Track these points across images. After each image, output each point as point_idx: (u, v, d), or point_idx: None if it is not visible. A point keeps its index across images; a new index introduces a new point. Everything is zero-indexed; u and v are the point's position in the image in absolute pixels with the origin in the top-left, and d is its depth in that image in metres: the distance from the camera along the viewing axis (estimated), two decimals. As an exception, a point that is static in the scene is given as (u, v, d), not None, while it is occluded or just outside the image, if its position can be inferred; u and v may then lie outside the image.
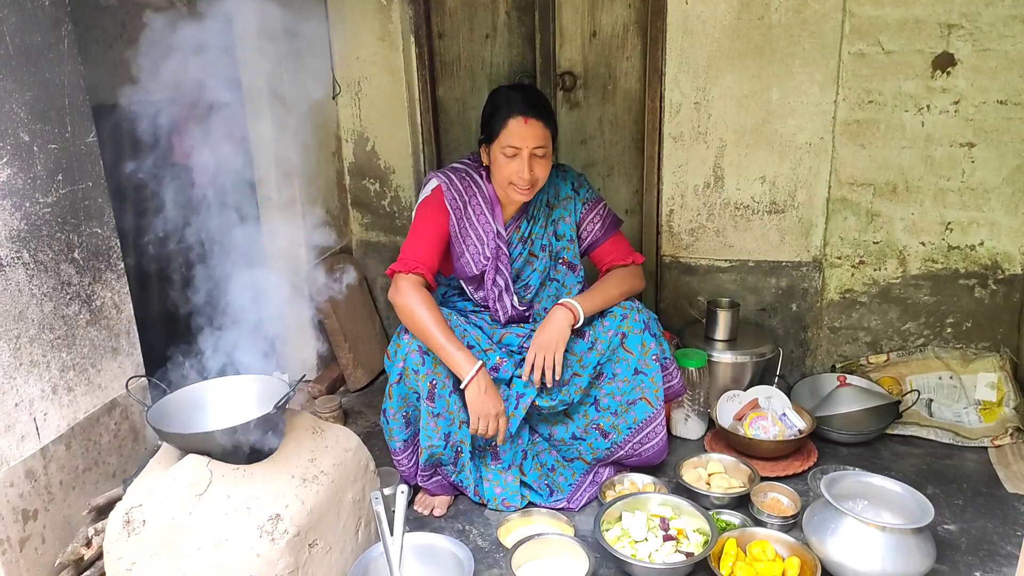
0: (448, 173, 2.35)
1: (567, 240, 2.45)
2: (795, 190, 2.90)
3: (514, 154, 2.19)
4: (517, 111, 2.18)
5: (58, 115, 1.92)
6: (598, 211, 2.46)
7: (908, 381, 2.86)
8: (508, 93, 2.26)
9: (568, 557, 2.05)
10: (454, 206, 2.31)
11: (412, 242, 2.28)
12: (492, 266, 2.35)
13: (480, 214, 2.34)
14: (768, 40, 2.74)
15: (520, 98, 2.22)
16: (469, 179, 2.34)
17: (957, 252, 2.83)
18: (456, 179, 2.33)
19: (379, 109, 3.21)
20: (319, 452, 1.95)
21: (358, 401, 3.17)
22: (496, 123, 2.21)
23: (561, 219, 2.44)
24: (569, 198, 2.44)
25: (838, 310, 3.02)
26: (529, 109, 2.19)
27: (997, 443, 2.60)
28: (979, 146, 2.69)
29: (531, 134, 2.17)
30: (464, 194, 2.32)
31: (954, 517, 2.27)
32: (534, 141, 2.18)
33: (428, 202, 2.32)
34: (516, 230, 2.39)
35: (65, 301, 1.97)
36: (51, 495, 1.96)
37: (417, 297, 2.18)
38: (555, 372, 2.24)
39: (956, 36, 2.60)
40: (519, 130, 2.17)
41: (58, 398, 1.97)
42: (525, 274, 2.42)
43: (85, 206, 2.02)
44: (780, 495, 2.34)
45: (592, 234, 2.46)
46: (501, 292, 2.37)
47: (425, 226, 2.29)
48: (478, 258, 2.34)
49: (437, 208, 2.30)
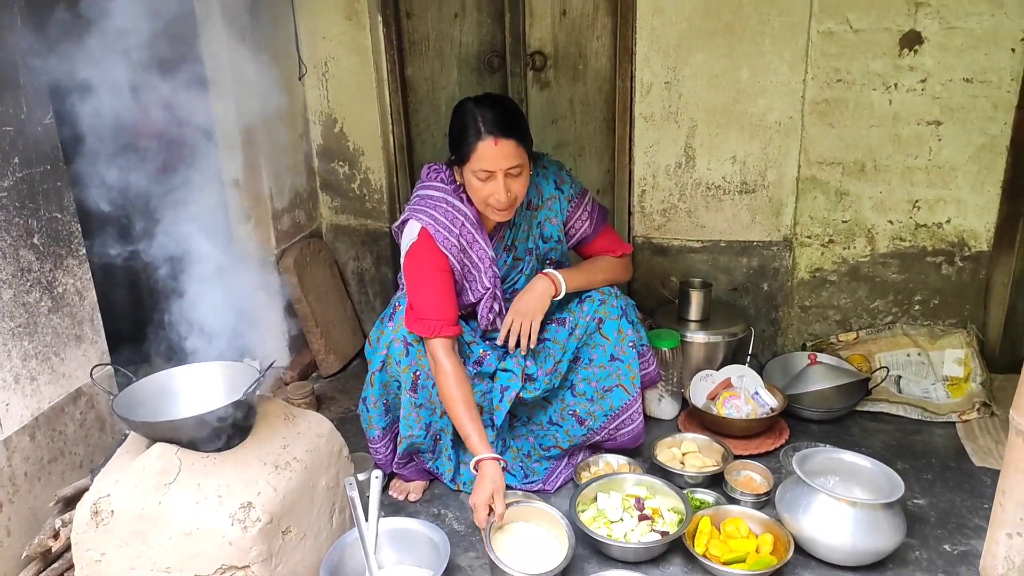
0: (427, 211, 2.16)
1: (555, 241, 2.37)
2: (765, 170, 2.90)
3: (487, 177, 2.06)
4: (486, 132, 2.02)
5: (12, 95, 1.86)
6: (584, 207, 2.36)
7: (877, 358, 2.89)
8: (474, 111, 2.06)
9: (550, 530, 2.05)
10: (448, 246, 2.15)
11: (423, 297, 2.12)
12: (490, 295, 2.27)
13: (473, 242, 2.21)
14: (738, 18, 2.74)
15: (489, 117, 2.04)
16: (452, 209, 2.17)
17: (924, 230, 2.86)
18: (439, 215, 2.16)
19: (347, 90, 3.15)
20: (291, 439, 1.92)
21: (331, 387, 3.13)
22: (465, 146, 2.06)
23: (547, 220, 2.33)
24: (553, 197, 2.33)
25: (808, 289, 3.04)
26: (498, 128, 2.02)
27: (964, 418, 2.64)
28: (945, 124, 2.71)
29: (503, 155, 2.02)
30: (453, 228, 2.16)
31: (923, 491, 2.31)
32: (507, 162, 2.03)
33: (419, 249, 2.15)
34: (500, 240, 2.29)
35: (25, 288, 1.92)
36: (16, 487, 1.91)
37: (446, 371, 2.09)
38: (531, 339, 2.22)
39: (923, 14, 2.61)
40: (490, 153, 2.02)
41: (21, 388, 1.92)
42: (511, 278, 2.36)
43: (44, 190, 1.96)
44: (753, 473, 2.36)
45: (581, 231, 2.38)
46: (495, 318, 2.30)
47: (428, 275, 2.14)
48: (476, 288, 2.27)
49: (432, 253, 2.15)
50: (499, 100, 2.15)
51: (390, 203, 3.29)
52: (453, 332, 2.13)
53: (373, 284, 3.42)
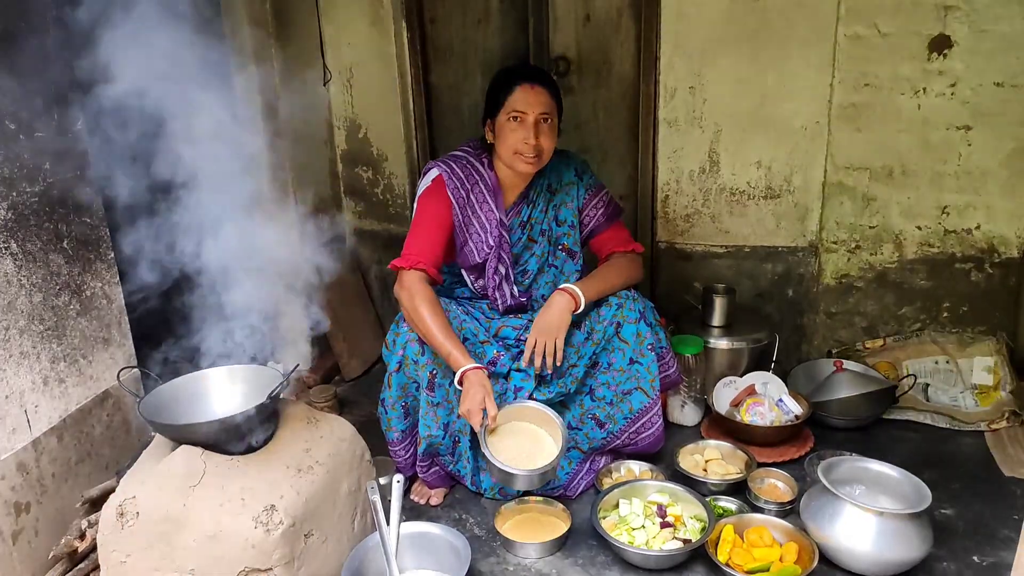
0: (448, 161, 2.31)
1: (568, 226, 2.41)
2: (791, 175, 2.88)
3: (520, 119, 2.18)
4: (524, 78, 2.20)
5: (45, 104, 1.90)
6: (601, 197, 2.43)
7: (904, 366, 2.85)
8: (513, 66, 2.33)
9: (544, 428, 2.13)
10: (456, 195, 2.27)
11: (415, 235, 2.25)
12: (495, 255, 2.32)
13: (483, 202, 2.31)
14: (764, 23, 2.72)
15: (526, 69, 2.28)
16: (470, 167, 2.30)
17: (953, 236, 2.82)
18: (457, 167, 2.29)
19: (371, 96, 3.17)
20: (314, 442, 1.94)
21: (353, 390, 3.15)
22: (502, 92, 2.21)
23: (563, 204, 2.41)
24: (572, 184, 2.41)
25: (834, 295, 3.01)
26: (535, 76, 2.22)
27: (994, 427, 2.60)
28: (976, 129, 2.67)
29: (537, 100, 2.18)
30: (466, 182, 2.29)
31: (951, 501, 2.27)
32: (540, 107, 2.18)
33: (429, 192, 2.28)
34: (516, 215, 2.36)
35: (55, 291, 1.95)
36: (43, 488, 1.94)
37: (419, 294, 2.15)
38: (555, 358, 2.22)
39: (953, 18, 2.58)
40: (525, 95, 2.18)
41: (49, 390, 1.95)
42: (523, 259, 2.40)
43: (73, 195, 2.00)
44: (777, 481, 2.33)
45: (594, 220, 2.43)
46: (501, 281, 2.35)
47: (427, 218, 2.26)
48: (481, 247, 2.32)
49: (439, 198, 2.27)
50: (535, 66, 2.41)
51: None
52: (431, 271, 2.20)
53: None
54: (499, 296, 2.36)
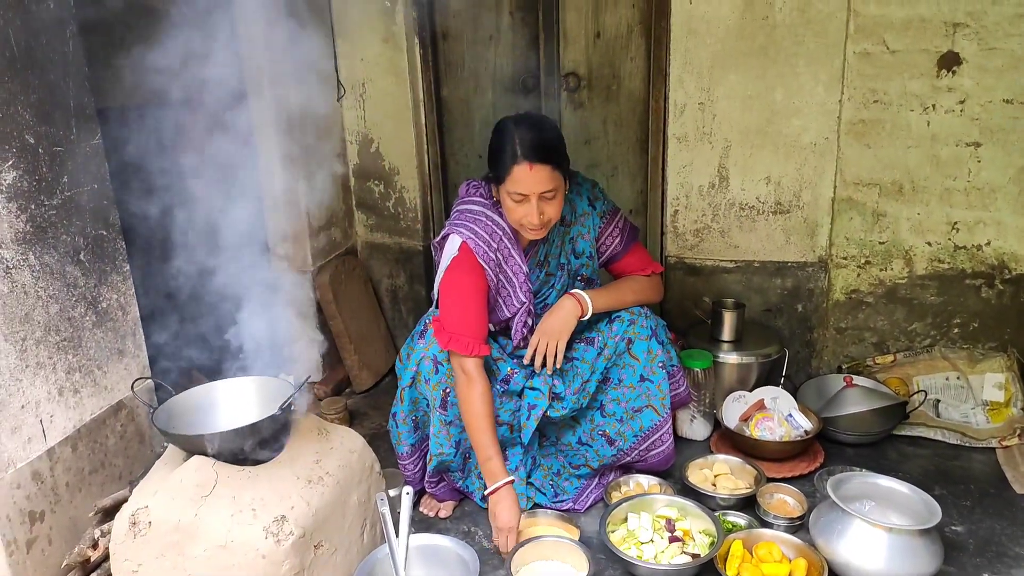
0: (469, 225, 2.19)
1: (586, 257, 2.38)
2: (800, 190, 2.89)
3: (521, 200, 2.07)
4: (522, 156, 2.03)
5: (63, 117, 1.93)
6: (616, 223, 2.38)
7: (915, 382, 2.84)
8: (513, 133, 2.07)
9: (569, 561, 2.04)
10: (488, 260, 2.17)
11: (460, 314, 2.15)
12: (524, 310, 2.28)
13: (509, 257, 2.22)
14: (772, 40, 2.74)
15: (527, 140, 2.05)
16: (491, 224, 2.20)
17: (963, 252, 2.82)
18: (480, 230, 2.18)
19: (383, 110, 3.21)
20: (324, 453, 1.95)
21: (363, 402, 3.17)
22: (502, 167, 2.08)
23: (579, 236, 2.35)
24: (587, 214, 2.35)
25: (844, 310, 3.01)
26: (534, 153, 2.03)
27: (1005, 444, 2.59)
28: (985, 145, 2.68)
29: (537, 179, 2.04)
30: (492, 242, 2.19)
31: (962, 518, 2.26)
32: (541, 187, 2.05)
33: (459, 264, 2.17)
34: (534, 256, 2.31)
35: (71, 303, 1.98)
36: (57, 497, 1.96)
37: (478, 386, 2.12)
38: (556, 360, 2.23)
39: (962, 35, 2.59)
40: (524, 177, 2.04)
41: (64, 400, 1.97)
42: (542, 293, 2.37)
43: (91, 208, 2.03)
44: (786, 496, 2.33)
45: (611, 248, 2.39)
46: (527, 334, 2.31)
47: (466, 293, 2.16)
48: (511, 303, 2.28)
49: (471, 269, 2.17)
50: (537, 122, 2.15)
51: (424, 222, 3.33)
52: (486, 351, 2.15)
53: (406, 301, 3.45)
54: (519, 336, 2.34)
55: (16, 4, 1.78)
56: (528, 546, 2.05)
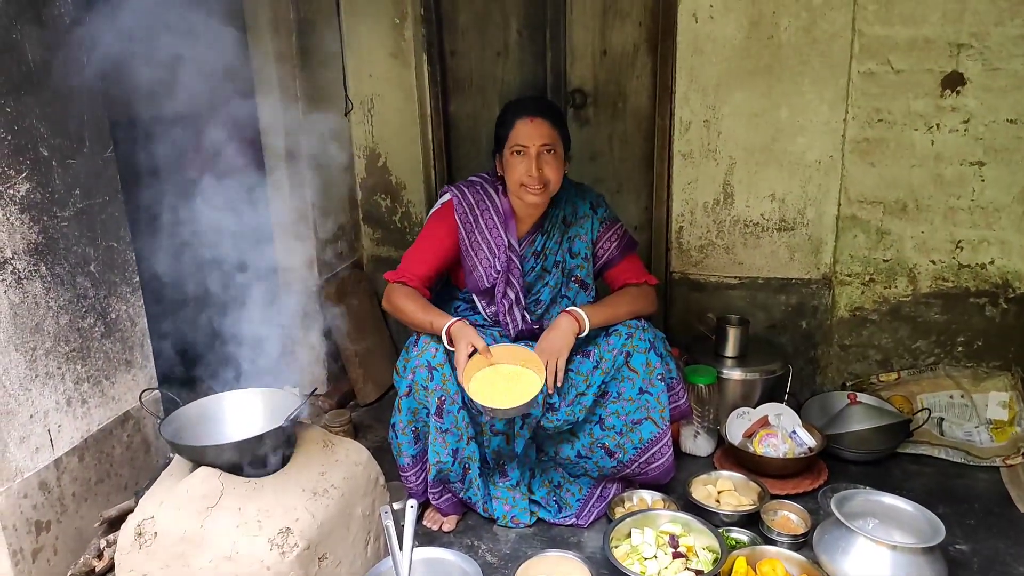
0: (461, 187, 2.39)
1: (581, 258, 2.45)
2: (804, 208, 2.90)
3: (523, 152, 2.23)
4: (523, 112, 2.26)
5: (76, 130, 1.96)
6: (615, 231, 2.46)
7: (919, 399, 2.84)
8: (515, 101, 2.38)
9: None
10: (464, 219, 2.34)
11: (410, 253, 2.38)
12: (503, 279, 2.36)
13: (492, 227, 2.36)
14: (778, 59, 2.76)
15: (528, 102, 2.35)
16: (483, 192, 2.37)
17: (967, 271, 2.83)
18: (469, 192, 2.37)
19: (391, 126, 3.24)
20: (329, 466, 1.96)
21: (368, 415, 3.17)
22: (505, 127, 2.28)
23: (577, 236, 2.44)
24: (587, 216, 2.45)
25: (848, 328, 3.01)
26: (534, 110, 2.26)
27: (1009, 463, 2.58)
28: (989, 165, 2.70)
29: (537, 132, 2.22)
30: (476, 207, 2.36)
31: (966, 537, 2.25)
32: (540, 139, 2.22)
33: (437, 215, 2.39)
34: (530, 244, 2.40)
35: (81, 314, 2.00)
36: (64, 507, 1.97)
37: (395, 291, 2.30)
38: (556, 378, 2.24)
39: (965, 55, 2.61)
40: (525, 129, 2.23)
41: (72, 410, 1.99)
42: (536, 289, 2.43)
43: (102, 220, 2.05)
44: (790, 513, 2.33)
45: (608, 253, 2.45)
46: (511, 305, 2.38)
47: (427, 239, 2.37)
48: (489, 271, 2.36)
49: (445, 221, 2.36)
50: (538, 96, 2.56)
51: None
52: (414, 284, 2.31)
53: (412, 315, 3.46)
54: (510, 321, 2.39)
55: (32, 19, 1.81)
56: (532, 561, 2.05)
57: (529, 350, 2.20)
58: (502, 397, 2.08)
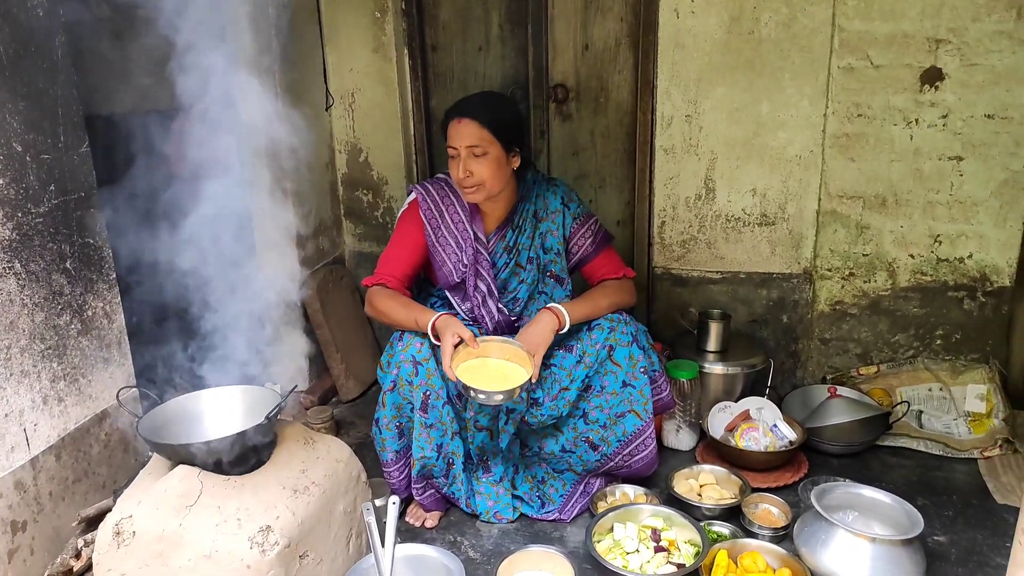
0: (426, 184, 2.41)
1: (554, 253, 2.45)
2: (785, 202, 2.92)
3: (454, 154, 2.25)
4: (454, 113, 2.26)
5: (51, 125, 1.93)
6: (589, 226, 2.46)
7: (898, 393, 2.87)
8: (458, 100, 2.32)
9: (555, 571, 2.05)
10: (428, 216, 2.36)
11: (385, 255, 2.39)
12: (472, 271, 2.36)
13: (458, 221, 2.37)
14: (758, 54, 2.77)
15: (461, 103, 2.30)
16: (447, 188, 2.39)
17: (946, 264, 2.85)
18: (434, 190, 2.39)
19: (372, 120, 3.22)
20: (310, 463, 1.95)
21: (350, 412, 3.16)
22: (444, 128, 2.30)
23: (549, 232, 2.44)
24: (558, 211, 2.44)
25: (828, 322, 3.03)
26: (463, 110, 2.25)
27: (987, 455, 2.61)
28: (967, 159, 2.72)
29: (463, 133, 2.21)
30: (440, 203, 2.38)
31: (944, 528, 2.28)
32: (466, 140, 2.21)
33: (405, 215, 2.41)
34: (501, 239, 2.39)
35: (56, 311, 1.97)
36: (40, 506, 1.95)
37: (377, 294, 2.30)
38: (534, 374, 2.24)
39: (944, 51, 2.63)
40: (454, 130, 2.24)
41: (48, 408, 1.96)
42: (512, 286, 2.42)
43: (77, 216, 2.02)
44: (771, 506, 2.34)
45: (583, 249, 2.46)
46: (484, 297, 2.38)
47: (398, 239, 2.39)
48: (458, 265, 2.36)
49: (412, 220, 2.38)
50: (485, 93, 2.51)
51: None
52: (392, 284, 2.32)
53: (394, 311, 3.45)
54: (486, 314, 2.38)
55: (4, 12, 1.78)
56: (514, 556, 2.05)
57: (515, 344, 2.20)
58: (488, 385, 2.08)
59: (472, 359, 2.16)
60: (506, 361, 2.19)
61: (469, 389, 2.05)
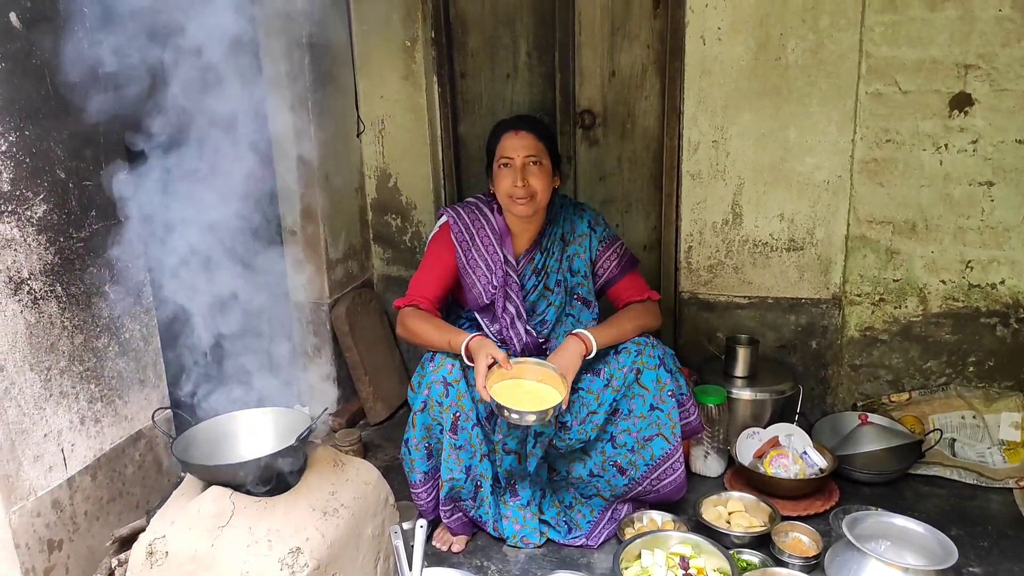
0: (457, 208, 2.46)
1: (581, 276, 2.47)
2: (813, 227, 2.91)
3: (508, 164, 2.30)
4: (509, 126, 2.35)
5: (93, 153, 1.99)
6: (615, 249, 2.49)
7: (931, 420, 2.83)
8: (504, 119, 2.45)
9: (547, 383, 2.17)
10: (460, 239, 2.40)
11: (416, 278, 2.43)
12: (501, 294, 2.38)
13: (488, 244, 2.40)
14: (785, 80, 2.78)
15: (514, 118, 2.44)
16: (478, 211, 2.44)
17: (978, 290, 2.82)
18: (464, 213, 2.44)
19: (402, 146, 3.27)
20: (340, 485, 1.96)
21: (378, 435, 3.18)
22: (493, 143, 2.37)
23: (576, 255, 2.48)
24: (585, 235, 2.48)
25: (858, 348, 3.01)
26: (519, 123, 2.36)
27: (1022, 484, 2.56)
28: (998, 185, 2.70)
29: (521, 144, 2.30)
30: (472, 227, 2.42)
31: (979, 559, 2.24)
32: (525, 151, 2.29)
33: (436, 238, 2.45)
34: (529, 261, 2.42)
35: (95, 334, 2.02)
36: (76, 525, 1.98)
37: (410, 316, 2.33)
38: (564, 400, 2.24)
39: (973, 76, 2.62)
40: (510, 142, 2.31)
41: (85, 429, 2.00)
42: (540, 308, 2.44)
43: (117, 241, 2.07)
44: (801, 535, 2.31)
45: (608, 271, 2.48)
46: (513, 319, 2.39)
47: (430, 261, 2.43)
48: (488, 287, 2.39)
49: (443, 243, 2.42)
50: (527, 114, 2.68)
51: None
52: (424, 305, 2.35)
53: (422, 334, 3.47)
54: (514, 335, 2.40)
55: (53, 44, 1.85)
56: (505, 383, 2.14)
57: (548, 367, 2.21)
58: (521, 406, 2.09)
59: (505, 380, 2.18)
60: (539, 383, 2.20)
61: (502, 409, 2.06)
